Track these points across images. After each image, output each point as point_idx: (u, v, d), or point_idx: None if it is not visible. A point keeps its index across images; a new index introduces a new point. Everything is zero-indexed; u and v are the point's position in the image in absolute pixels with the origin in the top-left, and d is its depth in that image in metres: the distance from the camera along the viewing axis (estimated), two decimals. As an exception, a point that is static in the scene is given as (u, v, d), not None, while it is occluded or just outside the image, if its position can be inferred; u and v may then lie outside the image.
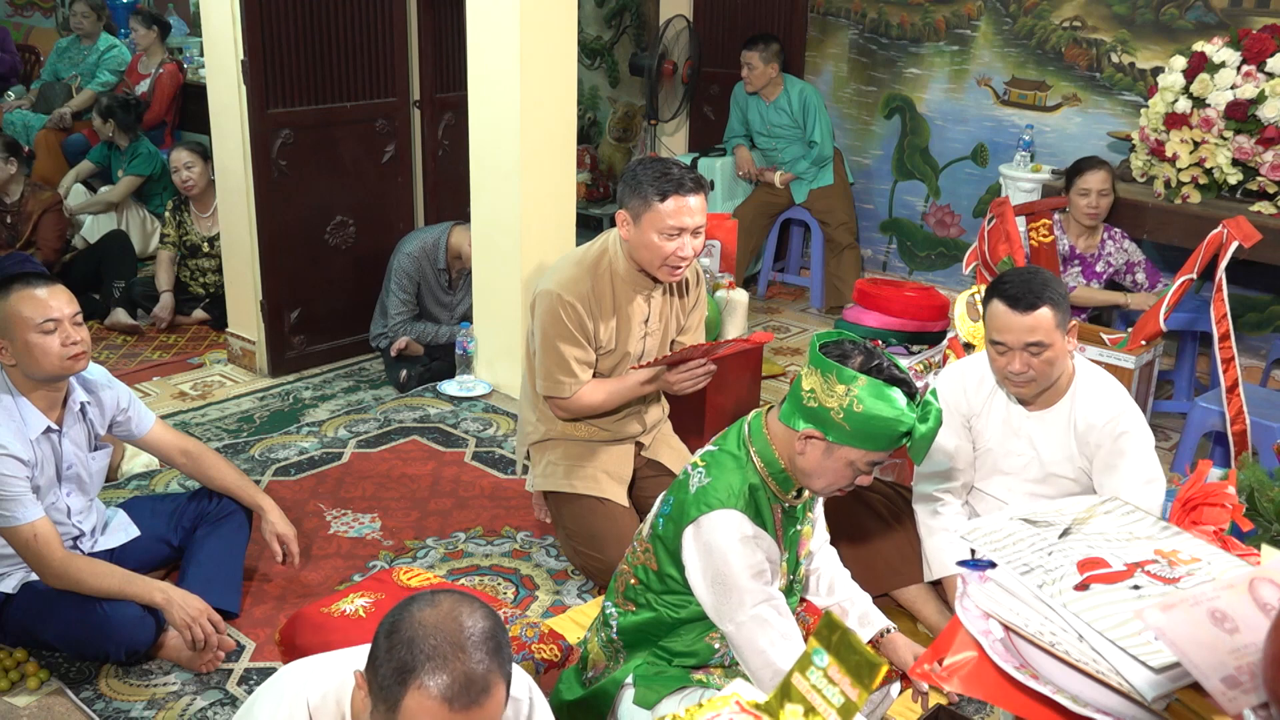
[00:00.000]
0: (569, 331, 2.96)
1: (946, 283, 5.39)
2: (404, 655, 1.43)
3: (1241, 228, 3.31)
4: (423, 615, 1.46)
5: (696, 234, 2.88)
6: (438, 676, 1.41)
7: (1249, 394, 3.87)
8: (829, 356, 1.95)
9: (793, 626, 2.07)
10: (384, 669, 1.44)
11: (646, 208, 2.83)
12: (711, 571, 2.05)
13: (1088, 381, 2.69)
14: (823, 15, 5.76)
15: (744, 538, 2.03)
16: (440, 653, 1.42)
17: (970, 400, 2.79)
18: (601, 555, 3.02)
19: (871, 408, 1.91)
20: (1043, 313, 2.53)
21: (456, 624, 1.45)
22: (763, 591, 2.04)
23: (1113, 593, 1.35)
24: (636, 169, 2.87)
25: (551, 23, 3.95)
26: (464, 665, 1.42)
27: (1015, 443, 2.75)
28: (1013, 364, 2.59)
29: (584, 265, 3.00)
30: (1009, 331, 2.56)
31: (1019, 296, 2.55)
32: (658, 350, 3.15)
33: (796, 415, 2.01)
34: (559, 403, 3.07)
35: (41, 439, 2.66)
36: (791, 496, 2.12)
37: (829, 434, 1.96)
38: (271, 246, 4.39)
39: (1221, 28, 4.46)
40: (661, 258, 2.87)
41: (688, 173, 2.85)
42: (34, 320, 2.57)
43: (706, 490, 2.07)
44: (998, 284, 2.63)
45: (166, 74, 6.38)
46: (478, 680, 1.43)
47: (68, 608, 2.64)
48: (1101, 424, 2.64)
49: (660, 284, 3.04)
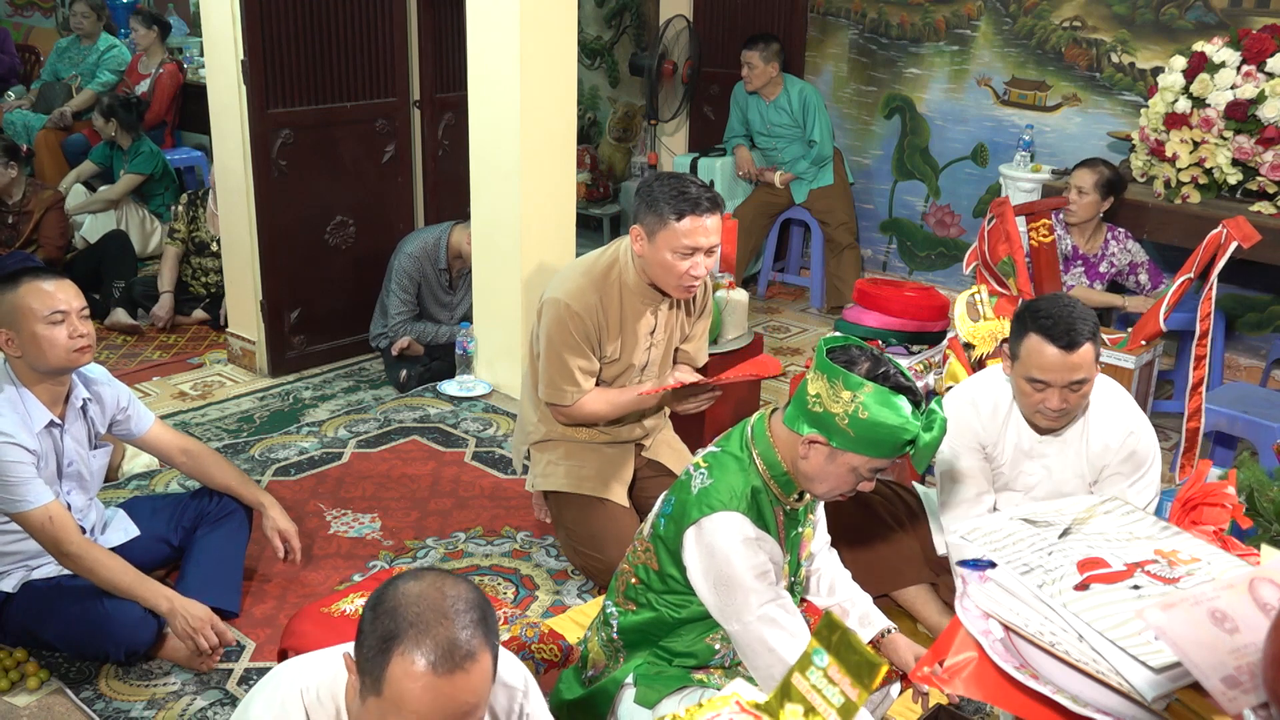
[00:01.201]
0: (574, 341, 2.96)
1: (946, 283, 5.39)
2: (387, 624, 1.42)
3: (1241, 228, 3.31)
4: (406, 588, 1.46)
5: (711, 253, 2.85)
6: (422, 642, 1.41)
7: (1249, 394, 3.88)
8: (836, 362, 1.95)
9: (801, 625, 2.07)
10: (368, 641, 1.44)
11: (662, 226, 2.79)
12: (715, 573, 2.05)
13: (1101, 399, 2.64)
14: (823, 15, 5.76)
15: (746, 540, 2.03)
16: (424, 620, 1.42)
17: (985, 429, 2.71)
18: (601, 555, 3.02)
19: (877, 415, 1.91)
20: (1086, 350, 2.44)
21: (440, 594, 1.45)
22: (770, 591, 2.04)
23: (1113, 593, 1.35)
24: (654, 186, 2.82)
25: (551, 23, 3.95)
26: (448, 632, 1.42)
27: (1028, 464, 2.70)
28: (1050, 401, 2.50)
29: (593, 275, 2.98)
30: (1053, 371, 2.46)
31: (1060, 334, 2.44)
32: (662, 361, 3.15)
33: (801, 419, 2.01)
34: (560, 410, 3.07)
35: (44, 433, 2.66)
36: (793, 499, 2.12)
37: (833, 439, 1.96)
38: (271, 246, 4.39)
39: (1221, 28, 4.47)
40: (675, 276, 2.85)
41: (704, 191, 2.79)
42: (41, 312, 2.58)
43: (708, 491, 2.07)
44: (1034, 317, 2.49)
45: (166, 74, 6.38)
46: (462, 646, 1.42)
47: (68, 607, 2.65)
48: (1117, 444, 2.60)
49: (669, 298, 3.03)
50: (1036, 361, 2.48)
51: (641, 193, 2.85)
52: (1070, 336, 2.43)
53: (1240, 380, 4.56)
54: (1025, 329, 2.51)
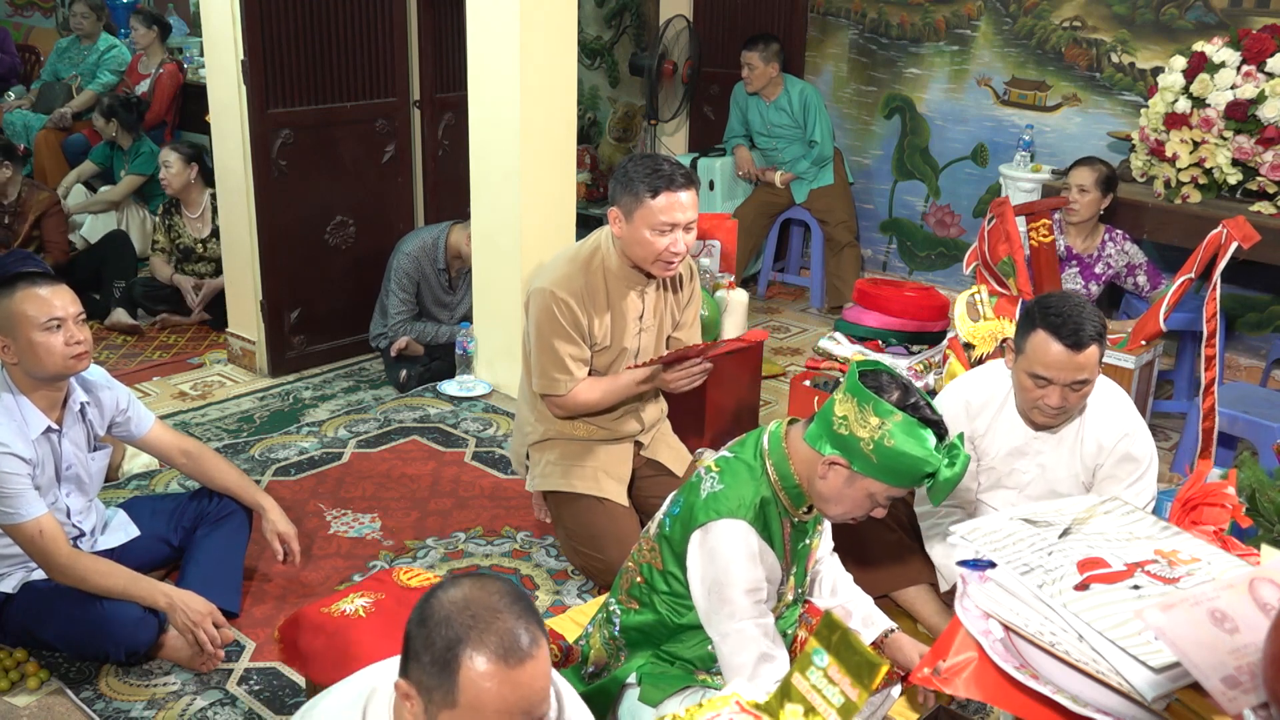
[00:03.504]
0: (563, 328, 2.96)
1: (946, 283, 5.39)
2: (445, 634, 1.41)
3: (1241, 228, 3.30)
4: (448, 596, 1.45)
5: (689, 229, 2.88)
6: (487, 641, 1.40)
7: (1249, 394, 3.87)
8: (867, 386, 1.94)
9: (777, 649, 2.07)
10: (426, 658, 1.42)
11: (638, 204, 2.83)
12: (710, 578, 2.05)
13: (1098, 399, 2.63)
14: (823, 15, 5.76)
15: (750, 554, 2.03)
16: (482, 620, 1.41)
17: (974, 423, 2.72)
18: (601, 555, 3.02)
19: (902, 445, 1.90)
20: (1092, 351, 2.44)
21: (484, 592, 1.45)
22: (754, 609, 2.04)
23: (1113, 593, 1.35)
24: (628, 165, 2.87)
25: (551, 23, 3.95)
26: (507, 624, 1.42)
27: (1021, 461, 2.70)
28: (1050, 398, 2.50)
29: (577, 262, 3.00)
30: (1057, 369, 2.45)
31: (1069, 333, 2.43)
32: (653, 346, 3.15)
33: (824, 440, 2.00)
34: (555, 401, 3.07)
35: (41, 439, 2.66)
36: (802, 512, 2.11)
37: (855, 463, 1.96)
38: (271, 246, 4.39)
39: (1221, 28, 4.46)
40: (654, 253, 2.87)
41: (678, 168, 2.84)
42: (38, 319, 2.57)
43: (718, 497, 2.07)
44: (1044, 313, 2.49)
45: (166, 74, 6.38)
46: (524, 635, 1.43)
47: (68, 607, 2.64)
48: (1110, 445, 2.60)
49: (654, 279, 3.04)
50: (1041, 358, 2.47)
51: (617, 175, 2.88)
52: (1077, 336, 2.43)
53: (1240, 380, 4.56)
54: (1034, 324, 2.50)
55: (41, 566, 2.64)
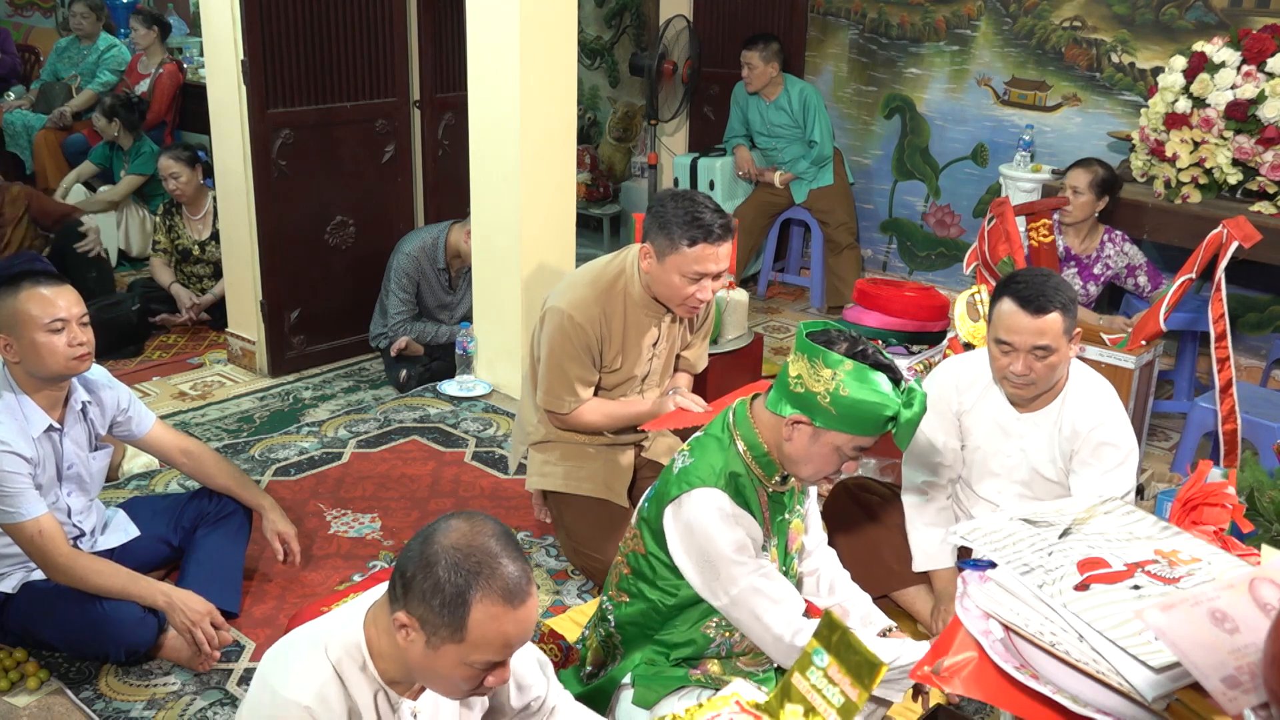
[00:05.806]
0: (575, 352, 2.96)
1: (946, 283, 5.39)
2: (455, 581, 1.57)
3: (1241, 228, 3.31)
4: (447, 540, 1.60)
5: (718, 278, 2.85)
6: (494, 585, 1.57)
7: (1248, 394, 3.87)
8: (815, 342, 1.99)
9: (787, 589, 2.10)
10: (436, 601, 1.57)
11: (673, 250, 2.77)
12: (695, 550, 2.08)
13: (1080, 386, 2.69)
14: (823, 15, 5.76)
15: (724, 515, 2.06)
16: (486, 565, 1.58)
17: (962, 398, 2.79)
18: (601, 555, 3.02)
19: (857, 392, 1.94)
20: (1052, 318, 2.52)
21: (480, 537, 1.61)
22: (751, 563, 2.07)
23: (1113, 593, 1.35)
24: (667, 205, 2.78)
25: (551, 23, 3.95)
26: (507, 568, 1.59)
27: (1005, 443, 2.75)
28: (1015, 365, 2.58)
29: (598, 287, 2.97)
30: (1017, 333, 2.54)
31: (1031, 298, 2.53)
32: (663, 370, 3.17)
33: (783, 401, 2.04)
34: (557, 418, 3.07)
35: (43, 438, 2.66)
36: (775, 481, 2.14)
37: (816, 419, 1.99)
38: (271, 246, 4.39)
39: (1221, 28, 4.46)
40: (681, 298, 2.86)
41: (718, 217, 2.77)
42: (41, 319, 2.57)
43: (688, 470, 2.11)
44: (1010, 282, 2.60)
45: (166, 74, 6.38)
46: (522, 576, 1.61)
47: (68, 607, 2.64)
48: (1086, 430, 2.64)
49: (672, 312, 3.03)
50: (1005, 323, 2.57)
51: (654, 211, 2.82)
52: (1039, 302, 2.52)
53: (1240, 380, 4.55)
54: (1001, 293, 2.61)
55: (40, 566, 2.64)
